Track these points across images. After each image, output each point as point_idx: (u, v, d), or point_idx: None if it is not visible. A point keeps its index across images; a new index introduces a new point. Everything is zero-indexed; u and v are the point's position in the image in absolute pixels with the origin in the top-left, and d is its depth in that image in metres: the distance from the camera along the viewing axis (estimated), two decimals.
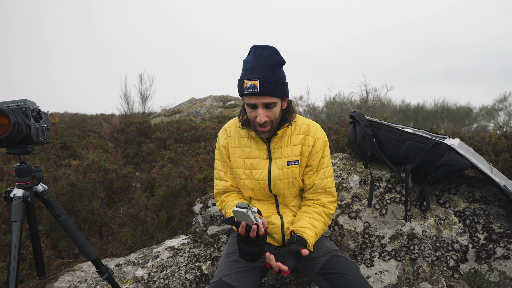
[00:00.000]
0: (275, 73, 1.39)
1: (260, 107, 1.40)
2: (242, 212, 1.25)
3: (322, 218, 1.54)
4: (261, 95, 1.37)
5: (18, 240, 1.26)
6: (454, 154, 1.82)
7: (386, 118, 3.28)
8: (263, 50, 1.40)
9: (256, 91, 1.35)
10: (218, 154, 1.67)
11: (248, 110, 1.46)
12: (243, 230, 1.31)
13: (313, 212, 1.53)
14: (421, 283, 1.75)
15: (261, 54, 1.39)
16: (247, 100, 1.41)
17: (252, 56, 1.41)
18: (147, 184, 4.00)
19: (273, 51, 1.41)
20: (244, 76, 1.39)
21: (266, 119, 1.41)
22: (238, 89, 1.46)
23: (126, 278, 2.01)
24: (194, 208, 2.30)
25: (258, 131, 1.47)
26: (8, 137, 1.25)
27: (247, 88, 1.37)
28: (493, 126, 12.01)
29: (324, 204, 1.56)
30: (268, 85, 1.36)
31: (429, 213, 1.94)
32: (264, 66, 1.37)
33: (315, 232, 1.47)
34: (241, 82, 1.41)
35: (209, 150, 4.54)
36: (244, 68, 1.43)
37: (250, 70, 1.38)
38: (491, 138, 3.13)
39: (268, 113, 1.42)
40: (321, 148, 1.56)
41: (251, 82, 1.36)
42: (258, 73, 1.36)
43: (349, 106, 12.38)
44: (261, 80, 1.35)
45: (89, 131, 8.75)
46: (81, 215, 3.09)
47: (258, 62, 1.38)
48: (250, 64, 1.40)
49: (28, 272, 2.29)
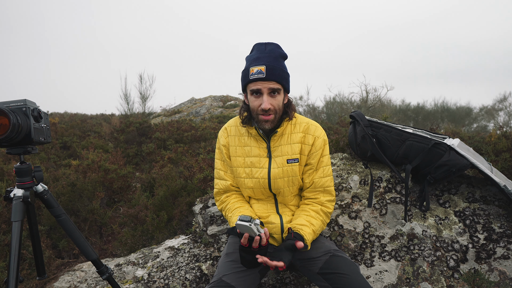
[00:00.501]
0: (280, 63, 1.45)
1: (265, 93, 1.43)
2: (245, 226, 1.27)
3: (320, 217, 1.54)
4: (267, 80, 1.41)
5: (18, 240, 1.26)
6: (454, 154, 1.82)
7: (386, 118, 3.28)
8: (267, 45, 1.47)
9: (263, 76, 1.40)
10: (218, 153, 1.67)
11: (252, 99, 1.48)
12: (245, 241, 1.33)
13: (311, 211, 1.54)
14: (421, 283, 1.75)
15: (265, 48, 1.46)
16: (253, 86, 1.44)
17: (256, 51, 1.47)
18: (147, 184, 4.00)
19: (276, 45, 1.48)
20: (250, 65, 1.44)
21: (270, 106, 1.44)
22: (242, 79, 1.50)
23: (126, 278, 2.01)
24: (194, 208, 2.30)
25: (261, 120, 1.48)
26: (8, 137, 1.25)
27: (254, 74, 1.41)
28: (493, 126, 12.02)
29: (323, 202, 1.57)
30: (274, 71, 1.41)
31: (429, 213, 1.94)
32: (269, 56, 1.44)
33: (313, 229, 1.47)
34: (246, 70, 1.45)
35: (209, 150, 4.54)
36: (248, 60, 1.48)
37: (256, 59, 1.44)
38: (491, 138, 3.13)
39: (272, 101, 1.45)
40: (321, 146, 1.56)
41: (257, 68, 1.41)
42: (264, 61, 1.42)
43: (349, 106, 12.38)
44: (267, 66, 1.41)
45: (89, 131, 8.75)
46: (81, 215, 3.09)
47: (263, 54, 1.44)
48: (255, 55, 1.45)
49: (28, 272, 2.29)
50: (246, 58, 1.50)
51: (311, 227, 1.47)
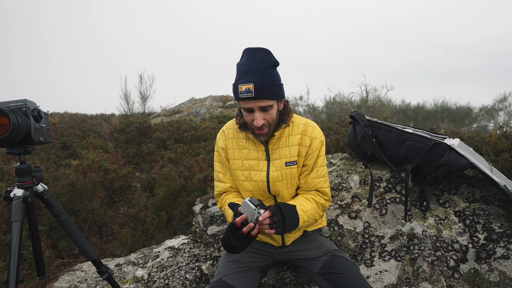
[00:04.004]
0: (270, 76, 1.37)
1: (257, 111, 1.39)
2: (249, 207, 1.25)
3: (311, 203, 1.50)
4: (257, 99, 1.36)
5: (18, 240, 1.26)
6: (454, 154, 1.82)
7: (386, 118, 3.28)
8: (256, 52, 1.38)
9: (252, 95, 1.34)
10: (217, 156, 1.67)
11: (244, 114, 1.45)
12: (240, 222, 1.29)
13: (301, 197, 1.52)
14: (421, 283, 1.75)
15: (254, 57, 1.37)
16: (243, 105, 1.40)
17: (245, 60, 1.39)
18: (147, 184, 4.00)
19: (266, 53, 1.38)
20: (239, 81, 1.37)
21: (263, 122, 1.41)
22: (233, 93, 1.44)
23: (126, 278, 2.01)
24: (194, 208, 2.30)
25: (256, 134, 1.47)
26: (8, 137, 1.25)
27: (242, 93, 1.35)
28: (493, 126, 12.01)
29: (314, 194, 1.54)
30: (263, 88, 1.34)
31: (429, 213, 1.94)
32: (257, 69, 1.36)
33: (302, 209, 1.43)
34: (236, 86, 1.39)
35: (209, 150, 4.54)
36: (238, 72, 1.41)
37: (244, 74, 1.36)
38: (491, 138, 3.13)
39: (265, 115, 1.41)
40: (318, 148, 1.54)
41: (246, 87, 1.34)
42: (252, 76, 1.34)
43: (349, 106, 12.38)
44: (255, 83, 1.33)
45: (89, 131, 8.76)
46: (81, 215, 3.09)
47: (252, 66, 1.36)
48: (244, 67, 1.38)
49: (28, 272, 2.29)
50: (237, 66, 1.44)
51: (301, 206, 1.43)
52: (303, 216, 1.41)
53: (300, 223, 1.39)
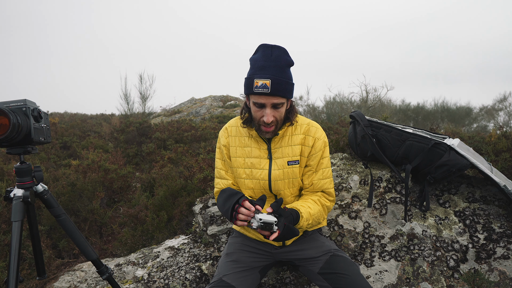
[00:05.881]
0: (286, 74, 1.38)
1: (269, 107, 1.39)
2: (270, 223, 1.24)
3: (318, 206, 1.51)
4: (272, 95, 1.36)
5: (18, 240, 1.26)
6: (454, 154, 1.82)
7: (386, 118, 3.28)
8: (273, 49, 1.38)
9: (268, 91, 1.34)
10: (219, 153, 1.67)
11: (254, 109, 1.44)
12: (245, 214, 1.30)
13: (309, 198, 1.54)
14: (421, 283, 1.75)
15: (271, 54, 1.37)
16: (256, 99, 1.39)
17: (262, 55, 1.38)
18: (147, 184, 4.00)
19: (283, 51, 1.39)
20: (255, 75, 1.36)
21: (272, 119, 1.41)
22: (245, 87, 1.43)
23: (126, 278, 2.01)
24: (194, 208, 2.30)
25: (262, 130, 1.47)
26: (8, 137, 1.25)
27: (258, 88, 1.35)
28: (493, 126, 12.01)
29: (320, 196, 1.57)
30: (279, 85, 1.35)
31: (429, 213, 1.94)
32: (275, 66, 1.36)
33: (309, 211, 1.44)
34: (250, 80, 1.38)
35: (209, 150, 4.54)
36: (253, 67, 1.40)
37: (261, 69, 1.36)
38: (491, 138, 3.13)
39: (275, 113, 1.41)
40: (321, 148, 1.56)
41: (262, 82, 1.34)
42: (269, 72, 1.34)
43: (349, 106, 12.38)
44: (273, 80, 1.34)
45: (89, 131, 8.76)
46: (81, 215, 3.09)
47: (269, 62, 1.36)
48: (260, 63, 1.37)
49: (28, 272, 2.29)
50: (251, 61, 1.43)
51: (308, 209, 1.45)
52: (309, 219, 1.44)
53: (304, 226, 1.42)
